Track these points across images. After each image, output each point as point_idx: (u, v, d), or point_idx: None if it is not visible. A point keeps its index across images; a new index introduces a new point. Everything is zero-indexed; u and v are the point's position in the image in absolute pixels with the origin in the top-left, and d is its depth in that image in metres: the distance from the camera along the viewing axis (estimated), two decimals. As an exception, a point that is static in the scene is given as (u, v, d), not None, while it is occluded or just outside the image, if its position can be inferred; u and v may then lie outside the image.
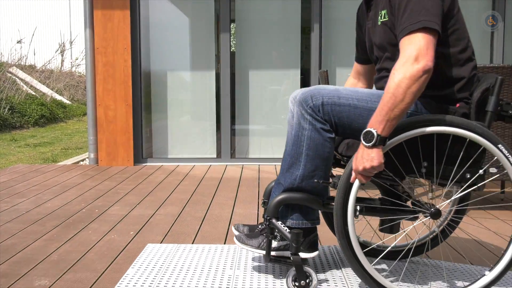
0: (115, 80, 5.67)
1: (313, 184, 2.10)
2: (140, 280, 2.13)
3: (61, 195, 4.29)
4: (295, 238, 2.04)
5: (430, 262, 2.48)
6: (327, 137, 2.08)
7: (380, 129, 1.84)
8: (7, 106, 10.49)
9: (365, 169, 1.86)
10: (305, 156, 2.10)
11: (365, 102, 2.05)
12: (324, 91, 2.07)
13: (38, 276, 2.52)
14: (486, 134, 1.94)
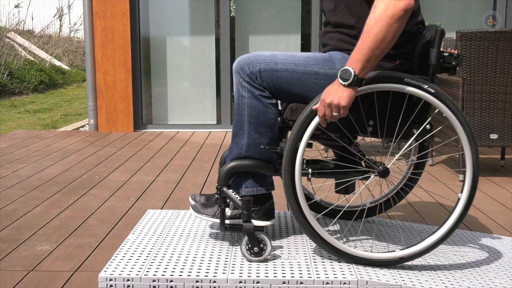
0: (114, 45, 5.62)
1: (260, 151, 2.09)
2: (140, 245, 2.14)
3: (61, 161, 4.30)
4: (246, 205, 2.02)
5: (386, 222, 2.51)
6: (267, 103, 2.06)
7: (358, 69, 1.81)
8: (5, 71, 10.44)
9: (331, 104, 1.83)
10: (248, 124, 2.08)
11: (303, 66, 2.03)
12: (261, 57, 2.05)
13: (40, 241, 2.54)
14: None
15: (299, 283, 1.86)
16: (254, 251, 2.01)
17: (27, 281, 2.12)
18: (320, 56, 2.06)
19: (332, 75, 2.00)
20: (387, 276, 1.89)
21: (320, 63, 2.03)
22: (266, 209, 2.15)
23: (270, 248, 2.02)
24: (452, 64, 2.01)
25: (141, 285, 1.87)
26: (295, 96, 2.06)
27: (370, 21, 1.80)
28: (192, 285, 1.86)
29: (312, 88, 2.02)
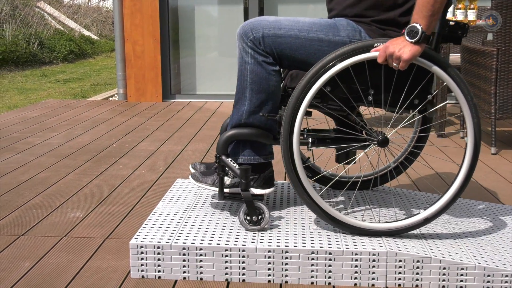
0: (142, 14, 5.61)
1: (260, 118, 2.06)
2: (170, 213, 2.16)
3: (91, 130, 4.35)
4: (244, 174, 2.01)
5: (390, 190, 2.48)
6: (270, 70, 2.02)
7: (425, 26, 1.77)
8: (36, 41, 10.53)
9: (393, 54, 1.80)
10: (250, 91, 2.05)
11: (307, 32, 1.98)
12: (265, 23, 2.00)
13: (72, 208, 2.58)
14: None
15: (327, 254, 1.86)
16: (253, 220, 2.01)
17: (60, 246, 2.17)
18: (325, 22, 2.02)
19: (335, 42, 1.97)
20: (417, 248, 1.88)
21: (325, 30, 1.99)
22: (266, 177, 2.14)
23: (268, 217, 2.01)
24: (458, 34, 1.95)
25: (171, 253, 1.89)
26: (298, 63, 2.02)
27: None
28: (222, 253, 1.88)
29: (315, 54, 1.98)
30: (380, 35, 1.97)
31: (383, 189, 2.49)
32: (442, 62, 1.87)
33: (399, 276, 1.86)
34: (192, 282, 1.89)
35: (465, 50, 3.99)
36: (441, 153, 3.67)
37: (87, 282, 1.88)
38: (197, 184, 2.18)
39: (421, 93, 1.95)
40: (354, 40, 1.97)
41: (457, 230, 2.09)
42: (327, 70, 1.88)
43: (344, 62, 1.87)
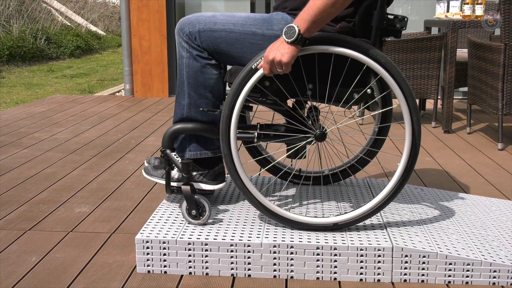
0: (149, 9, 5.61)
1: (202, 112, 2.08)
2: (176, 209, 2.17)
3: (98, 126, 4.36)
4: (185, 168, 2.01)
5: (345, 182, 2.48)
6: (205, 63, 2.04)
7: (304, 28, 1.76)
8: (43, 36, 10.56)
9: (273, 60, 1.79)
10: (187, 85, 2.07)
11: (241, 26, 1.99)
12: (201, 18, 2.02)
13: (78, 204, 2.59)
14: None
15: (333, 249, 1.86)
16: (192, 214, 2.02)
17: (66, 241, 2.18)
18: (260, 16, 2.02)
19: (269, 35, 1.97)
20: (423, 243, 1.88)
21: (259, 24, 1.99)
22: (215, 172, 2.15)
23: (209, 213, 2.01)
24: (397, 27, 1.94)
25: (176, 248, 1.90)
26: (235, 58, 2.03)
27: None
28: (227, 248, 1.88)
29: (250, 48, 1.99)
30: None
31: None
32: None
33: (405, 271, 1.86)
34: (198, 277, 1.90)
35: (472, 45, 3.98)
36: (447, 149, 3.66)
37: (93, 277, 1.89)
38: (148, 177, 2.21)
39: (359, 87, 1.93)
40: None
41: (463, 225, 2.09)
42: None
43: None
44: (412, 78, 4.23)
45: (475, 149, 3.65)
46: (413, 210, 2.20)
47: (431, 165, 3.25)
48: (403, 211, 2.18)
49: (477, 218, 2.18)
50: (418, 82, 4.23)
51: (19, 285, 1.83)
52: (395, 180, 1.93)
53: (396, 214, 2.14)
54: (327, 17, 1.76)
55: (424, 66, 4.19)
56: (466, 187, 2.84)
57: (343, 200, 2.28)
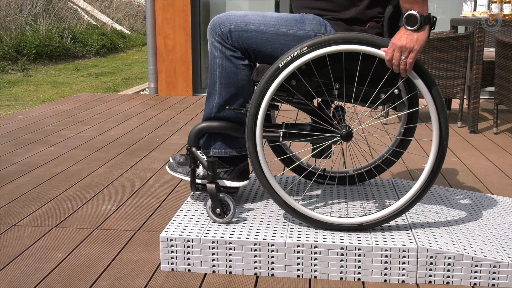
0: (174, 9, 5.64)
1: (231, 112, 2.08)
2: (200, 207, 2.18)
3: (123, 124, 4.40)
4: (211, 166, 2.02)
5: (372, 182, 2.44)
6: (239, 64, 2.04)
7: (420, 9, 1.75)
8: (69, 35, 10.68)
9: (402, 47, 1.77)
10: (219, 85, 2.06)
11: (272, 27, 1.98)
12: (233, 17, 2.01)
13: (104, 201, 2.62)
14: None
15: (357, 249, 1.85)
16: (216, 212, 2.02)
17: (92, 238, 2.20)
18: (291, 17, 2.02)
19: (300, 36, 1.96)
20: (448, 244, 1.86)
21: (290, 24, 1.99)
22: (240, 170, 2.16)
23: (233, 211, 2.02)
24: None
25: (200, 246, 1.90)
26: (265, 57, 2.02)
27: None
28: (251, 247, 1.88)
29: (281, 49, 1.98)
30: (346, 29, 1.96)
31: None
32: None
33: (430, 272, 1.84)
34: (221, 275, 1.90)
35: (500, 44, 3.92)
36: (473, 149, 3.62)
37: (118, 274, 1.90)
38: (172, 173, 2.22)
39: (386, 87, 1.91)
40: (319, 34, 1.96)
41: (489, 227, 2.06)
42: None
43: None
44: (438, 78, 4.18)
45: (502, 149, 3.60)
46: (438, 211, 2.18)
47: (457, 166, 3.21)
48: (428, 212, 2.16)
49: (504, 220, 2.15)
50: (444, 81, 4.19)
51: (46, 281, 1.86)
52: (422, 181, 1.92)
53: (421, 215, 2.12)
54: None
55: (450, 65, 4.14)
56: (492, 188, 2.81)
57: (368, 200, 2.26)
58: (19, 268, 1.95)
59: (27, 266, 1.97)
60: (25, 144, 3.73)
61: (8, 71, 8.32)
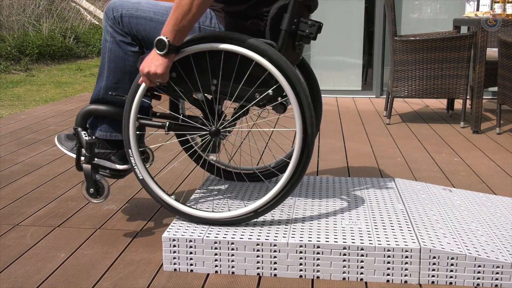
0: (176, 9, 5.64)
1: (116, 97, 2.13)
2: (203, 206, 2.18)
3: (125, 124, 4.39)
4: (89, 147, 2.07)
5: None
6: (128, 50, 2.08)
7: (172, 38, 1.80)
8: (72, 35, 10.69)
9: (149, 73, 1.85)
10: (107, 68, 2.10)
11: (161, 16, 2.01)
12: (126, 3, 2.05)
13: (106, 201, 2.62)
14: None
15: (359, 249, 1.85)
16: (90, 192, 2.08)
17: (94, 238, 2.20)
18: None
19: None
20: (451, 245, 1.85)
21: None
22: (123, 154, 2.21)
23: (107, 193, 2.10)
24: (306, 33, 1.94)
25: (203, 247, 1.90)
26: (151, 45, 2.04)
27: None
28: (253, 248, 1.88)
29: None
30: (229, 23, 1.97)
31: None
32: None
33: (433, 273, 1.84)
34: (224, 276, 1.90)
35: (503, 44, 3.91)
36: (476, 149, 3.61)
37: (121, 274, 1.91)
38: (58, 146, 2.28)
39: (262, 87, 1.92)
40: (204, 27, 1.99)
41: (492, 227, 2.06)
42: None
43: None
44: (441, 78, 4.18)
45: (505, 149, 3.59)
46: (441, 212, 2.18)
47: (460, 166, 3.21)
48: (431, 212, 2.16)
49: (506, 220, 2.15)
50: (446, 81, 4.18)
51: (48, 281, 1.86)
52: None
53: (424, 215, 2.12)
54: (188, 24, 1.80)
55: (453, 65, 4.14)
56: (495, 188, 2.80)
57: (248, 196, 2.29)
58: (22, 268, 1.95)
59: (30, 266, 1.97)
60: (28, 144, 3.73)
61: (11, 71, 8.33)
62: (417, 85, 4.26)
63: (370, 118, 4.68)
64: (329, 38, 5.92)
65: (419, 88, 4.26)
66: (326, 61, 5.98)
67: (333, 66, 5.98)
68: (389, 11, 4.26)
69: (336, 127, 4.30)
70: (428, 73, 4.21)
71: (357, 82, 5.97)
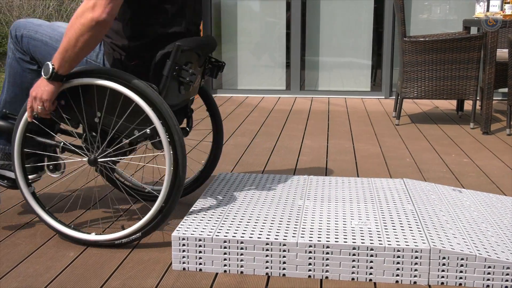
0: (185, 10, 5.65)
1: (17, 112, 2.21)
2: (212, 206, 2.18)
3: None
4: None
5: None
6: (26, 67, 2.19)
7: (57, 66, 1.89)
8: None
9: (36, 98, 1.93)
10: (7, 82, 2.22)
11: (55, 42, 2.11)
12: (29, 24, 2.16)
13: (116, 200, 2.62)
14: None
15: (369, 250, 1.84)
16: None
17: (103, 237, 2.20)
18: None
19: None
20: (461, 245, 1.85)
21: None
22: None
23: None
24: (186, 80, 2.04)
25: (212, 246, 1.90)
26: None
27: (69, 23, 1.85)
28: (262, 247, 1.88)
29: None
30: (114, 60, 2.06)
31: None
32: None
33: (443, 274, 1.83)
34: (233, 275, 1.90)
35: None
36: (486, 150, 3.59)
37: (130, 273, 1.91)
38: None
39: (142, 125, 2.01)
40: (90, 60, 2.09)
41: (502, 228, 2.04)
42: None
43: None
44: (451, 79, 4.16)
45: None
46: (451, 212, 2.17)
47: (470, 167, 3.19)
48: (441, 213, 2.15)
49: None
50: (456, 82, 4.17)
51: (58, 280, 1.86)
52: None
53: (434, 216, 2.11)
54: (74, 57, 1.87)
55: (463, 66, 4.12)
56: (505, 189, 2.79)
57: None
58: (31, 266, 1.96)
59: (40, 264, 1.98)
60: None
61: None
62: (426, 86, 4.24)
63: (379, 118, 4.66)
64: (338, 39, 5.91)
65: (428, 89, 4.25)
66: (335, 61, 5.97)
67: (342, 67, 5.97)
68: (399, 11, 4.25)
69: (345, 127, 4.29)
70: (438, 74, 4.19)
71: (366, 83, 5.96)
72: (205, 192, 2.35)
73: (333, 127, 4.32)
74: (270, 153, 3.52)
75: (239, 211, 2.14)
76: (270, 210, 2.15)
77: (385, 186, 2.44)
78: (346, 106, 5.34)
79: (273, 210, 2.16)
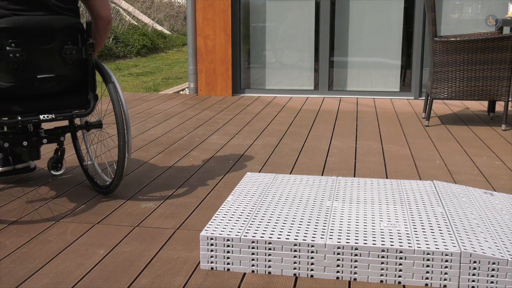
0: (214, 9, 5.67)
1: None
2: (240, 206, 2.18)
3: (163, 123, 4.44)
4: None
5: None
6: None
7: None
8: (111, 36, 10.85)
9: None
10: None
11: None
12: None
13: (144, 199, 2.65)
14: None
15: (398, 252, 1.82)
16: None
17: (132, 235, 2.23)
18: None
19: None
20: (493, 249, 1.82)
21: None
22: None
23: None
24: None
25: (240, 246, 1.91)
26: None
27: None
28: (290, 248, 1.88)
29: None
30: None
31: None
32: None
33: (473, 277, 1.80)
34: (260, 275, 1.90)
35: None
36: None
37: (159, 271, 1.92)
38: None
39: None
40: None
41: (536, 233, 2.01)
42: None
43: None
44: (482, 79, 4.10)
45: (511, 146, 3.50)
46: (482, 215, 2.13)
47: (501, 169, 3.14)
48: (472, 216, 2.12)
49: None
50: (488, 83, 4.10)
51: (88, 277, 1.89)
52: None
53: (465, 219, 2.08)
54: None
55: (495, 67, 4.05)
56: (497, 186, 2.74)
57: None
58: (62, 263, 1.99)
59: (70, 261, 2.00)
60: (66, 143, 3.80)
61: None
62: (457, 86, 4.19)
63: (409, 119, 4.62)
64: (367, 39, 5.87)
65: (459, 90, 4.19)
66: (364, 61, 5.93)
67: (371, 67, 5.93)
68: (429, 11, 4.20)
69: (373, 128, 4.26)
70: (469, 75, 4.14)
71: (395, 83, 5.90)
72: (233, 192, 2.36)
73: (361, 127, 4.29)
74: (298, 153, 3.51)
75: (267, 212, 2.14)
76: (298, 211, 2.15)
77: (415, 188, 2.41)
78: (374, 106, 5.30)
79: (301, 211, 2.15)
